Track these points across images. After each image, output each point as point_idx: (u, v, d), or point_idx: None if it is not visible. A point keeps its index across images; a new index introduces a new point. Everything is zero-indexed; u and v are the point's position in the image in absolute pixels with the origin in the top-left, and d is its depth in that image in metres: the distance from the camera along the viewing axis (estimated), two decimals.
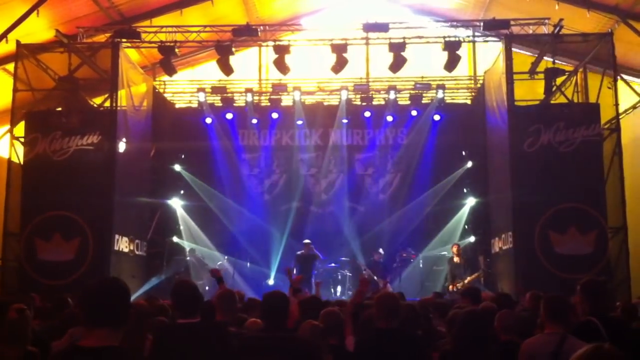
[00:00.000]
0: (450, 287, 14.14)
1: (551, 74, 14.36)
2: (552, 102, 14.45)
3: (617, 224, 13.22)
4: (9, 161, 13.72)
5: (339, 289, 15.25)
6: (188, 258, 15.66)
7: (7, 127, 14.44)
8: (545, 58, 14.82)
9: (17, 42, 13.67)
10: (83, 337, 2.83)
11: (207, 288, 14.26)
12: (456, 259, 14.66)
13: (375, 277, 14.43)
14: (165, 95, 17.66)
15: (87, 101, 15.08)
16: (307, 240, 15.13)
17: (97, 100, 15.27)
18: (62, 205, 13.01)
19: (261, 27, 15.43)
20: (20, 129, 13.93)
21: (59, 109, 14.43)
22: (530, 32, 14.66)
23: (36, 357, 4.55)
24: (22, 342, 4.56)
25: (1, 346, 4.53)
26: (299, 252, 15.08)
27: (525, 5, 15.15)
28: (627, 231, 13.19)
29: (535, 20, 14.61)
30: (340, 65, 14.94)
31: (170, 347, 4.50)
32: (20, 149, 13.69)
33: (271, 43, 15.55)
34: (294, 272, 11.80)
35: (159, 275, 15.14)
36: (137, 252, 14.77)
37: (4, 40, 13.69)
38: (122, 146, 14.15)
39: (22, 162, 13.56)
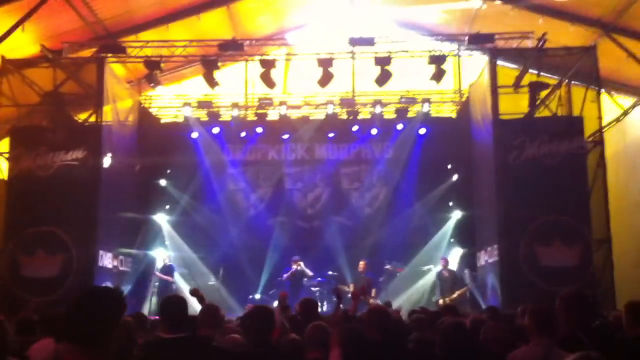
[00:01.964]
0: (440, 300, 14.20)
1: (535, 88, 14.48)
2: (536, 115, 14.55)
3: (602, 236, 13.31)
4: None
5: (325, 303, 15.19)
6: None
7: None
8: (529, 72, 14.93)
9: (2, 57, 13.63)
10: (67, 354, 2.78)
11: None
12: (445, 273, 14.80)
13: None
14: (151, 110, 17.62)
15: (72, 116, 15.00)
16: (296, 257, 15.23)
17: (82, 116, 15.19)
18: (46, 220, 12.94)
19: (247, 42, 15.47)
20: (4, 145, 13.85)
21: (44, 124, 14.36)
22: (515, 46, 14.78)
23: None
24: (1, 353, 4.48)
25: None
26: (290, 269, 15.22)
27: (510, 20, 15.26)
28: (611, 243, 13.28)
29: (519, 34, 14.74)
30: (326, 79, 15.01)
31: None
32: (4, 165, 13.61)
33: (257, 57, 15.58)
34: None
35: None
36: (120, 268, 14.67)
37: None
38: (107, 161, 14.10)
39: (6, 178, 13.47)
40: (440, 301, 14.31)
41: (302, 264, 15.29)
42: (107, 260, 13.80)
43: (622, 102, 15.93)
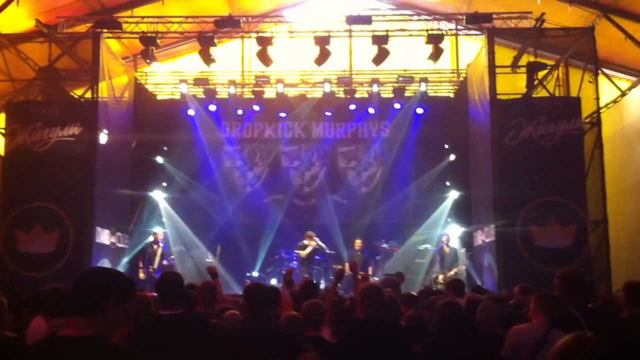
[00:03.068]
0: (441, 277, 14.28)
1: (533, 68, 14.45)
2: (533, 95, 14.53)
3: (598, 217, 13.36)
4: None
5: (322, 281, 15.25)
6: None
7: None
8: (527, 52, 14.89)
9: None
10: (63, 327, 2.83)
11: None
12: (446, 249, 14.88)
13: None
14: (147, 86, 17.53)
15: (68, 92, 14.94)
16: (310, 232, 15.13)
17: (78, 91, 15.13)
18: (43, 196, 12.90)
19: (244, 19, 15.36)
20: (0, 120, 13.78)
21: (40, 99, 14.29)
22: (513, 26, 14.72)
23: (15, 343, 4.48)
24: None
25: None
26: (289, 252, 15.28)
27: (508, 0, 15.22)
28: (607, 224, 13.33)
29: (517, 14, 14.66)
30: (323, 57, 14.92)
31: (153, 338, 4.48)
32: (0, 140, 13.56)
33: (254, 35, 15.49)
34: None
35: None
36: (118, 245, 14.69)
37: None
38: (103, 137, 14.05)
39: (1, 153, 13.42)
40: (440, 277, 14.41)
41: (317, 239, 15.09)
42: (104, 236, 13.81)
43: (620, 84, 15.91)
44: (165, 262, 14.67)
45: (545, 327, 4.65)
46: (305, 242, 15.10)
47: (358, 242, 15.09)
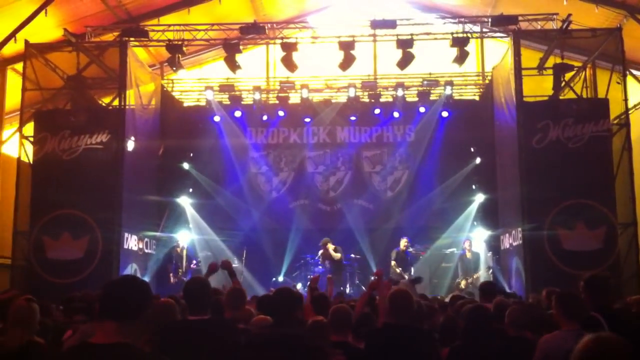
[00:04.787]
0: (464, 283, 14.17)
1: (560, 70, 14.30)
2: (560, 97, 14.39)
3: (627, 220, 13.17)
4: (19, 160, 13.79)
5: (347, 286, 15.23)
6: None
7: (17, 126, 14.53)
8: (553, 54, 14.75)
9: (26, 41, 13.73)
10: (94, 333, 2.86)
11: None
12: (468, 255, 14.76)
13: (399, 270, 14.55)
14: (173, 93, 17.70)
15: (96, 100, 15.12)
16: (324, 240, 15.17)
17: (106, 99, 15.33)
18: (71, 204, 13.05)
19: (268, 25, 15.44)
20: (29, 128, 13.99)
21: (68, 108, 14.49)
22: (539, 27, 14.60)
23: (41, 348, 4.54)
24: (27, 329, 4.55)
25: (9, 331, 4.53)
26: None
27: (533, 1, 15.08)
28: (637, 227, 13.13)
29: (543, 16, 14.53)
30: (347, 62, 14.91)
31: (180, 344, 4.51)
32: (29, 148, 13.75)
33: (278, 41, 15.56)
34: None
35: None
36: (146, 250, 14.84)
37: (13, 39, 13.79)
38: (130, 145, 14.22)
39: (31, 161, 13.62)
40: (462, 283, 14.29)
41: (331, 246, 15.13)
42: (132, 242, 13.97)
43: None
44: (193, 266, 14.95)
45: (577, 335, 4.58)
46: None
47: (404, 242, 15.00)
